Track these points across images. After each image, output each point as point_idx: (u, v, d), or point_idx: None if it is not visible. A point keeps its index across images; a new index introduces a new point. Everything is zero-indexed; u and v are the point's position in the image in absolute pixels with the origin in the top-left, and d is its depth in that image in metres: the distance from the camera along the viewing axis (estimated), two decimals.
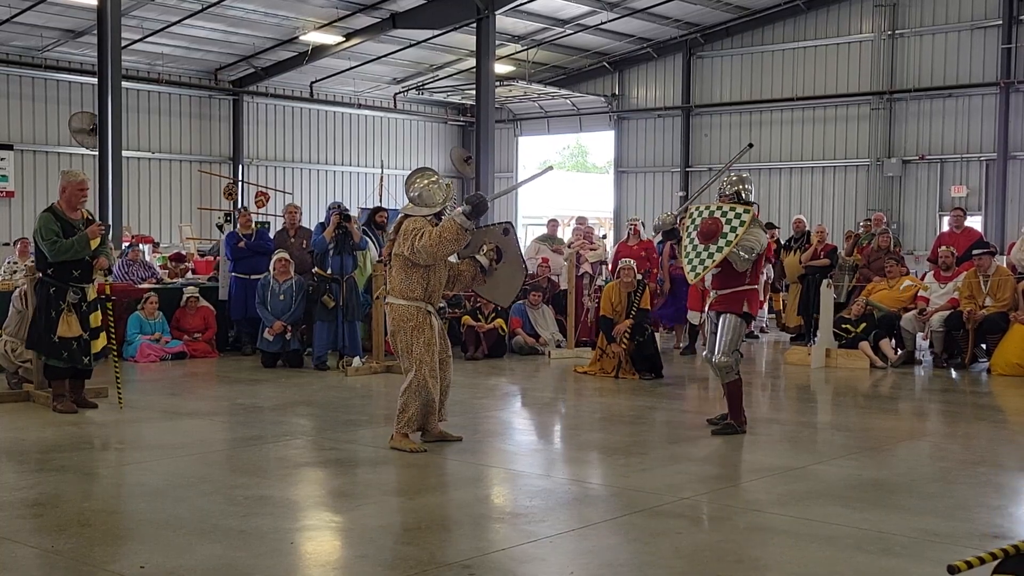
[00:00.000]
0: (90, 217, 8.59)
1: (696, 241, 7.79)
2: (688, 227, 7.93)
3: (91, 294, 8.53)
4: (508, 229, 7.45)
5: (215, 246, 17.99)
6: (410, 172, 7.36)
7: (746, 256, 7.70)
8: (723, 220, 7.72)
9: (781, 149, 25.12)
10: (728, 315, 7.85)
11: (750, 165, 25.03)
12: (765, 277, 15.70)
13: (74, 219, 8.36)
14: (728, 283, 7.85)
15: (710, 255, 7.68)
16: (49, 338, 8.38)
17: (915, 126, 23.29)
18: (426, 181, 7.20)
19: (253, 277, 12.41)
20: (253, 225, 13.16)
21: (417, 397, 7.08)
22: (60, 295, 8.35)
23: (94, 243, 8.36)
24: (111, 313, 8.70)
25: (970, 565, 3.37)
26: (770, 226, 16.61)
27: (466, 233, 6.93)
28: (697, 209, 8.01)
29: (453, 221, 6.88)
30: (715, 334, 7.97)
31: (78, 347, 8.45)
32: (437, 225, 7.00)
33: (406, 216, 7.15)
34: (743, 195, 8.00)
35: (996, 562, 3.51)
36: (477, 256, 7.16)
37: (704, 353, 8.31)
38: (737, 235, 7.63)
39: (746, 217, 7.71)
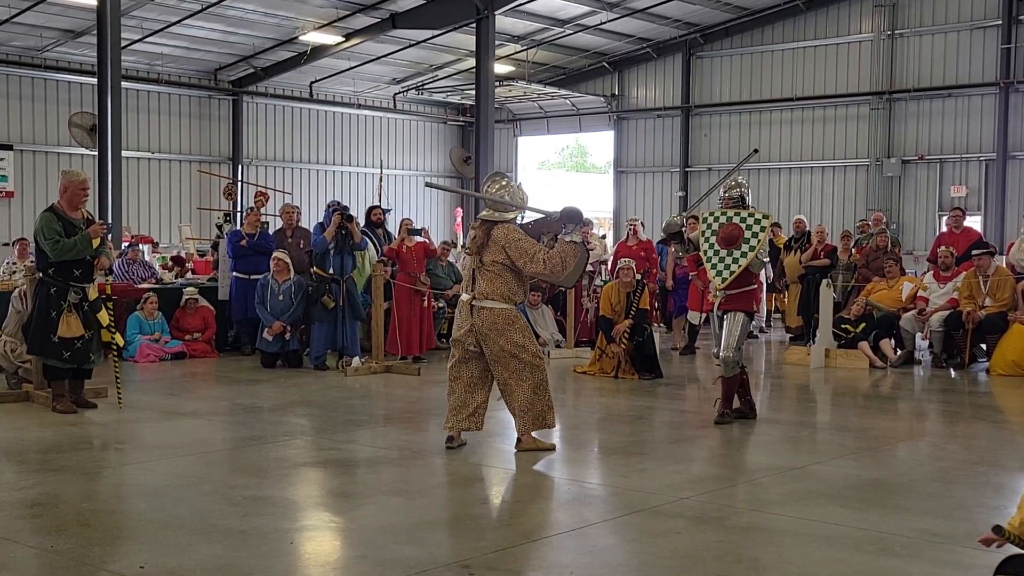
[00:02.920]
0: (90, 217, 8.59)
1: (717, 247, 8.14)
2: (705, 233, 8.23)
3: (92, 294, 8.53)
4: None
5: (212, 244, 17.97)
6: (485, 178, 7.42)
7: (763, 260, 8.24)
8: (743, 226, 8.09)
9: (781, 149, 25.12)
10: (737, 313, 8.21)
11: (750, 166, 25.05)
12: (764, 276, 15.74)
13: (75, 219, 8.36)
14: (738, 283, 8.22)
15: (735, 260, 8.07)
16: (49, 338, 8.37)
17: (915, 126, 23.29)
18: (496, 187, 7.29)
19: (253, 277, 12.39)
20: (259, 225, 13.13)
21: (543, 393, 7.12)
22: (61, 295, 8.34)
23: (95, 243, 8.36)
24: (112, 313, 8.71)
25: (1009, 536, 3.37)
26: (776, 226, 16.64)
27: (579, 247, 7.07)
28: (712, 215, 8.32)
29: (569, 244, 7.01)
30: (717, 331, 8.31)
31: (81, 347, 8.44)
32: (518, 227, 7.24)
33: (492, 223, 7.14)
34: (746, 199, 8.36)
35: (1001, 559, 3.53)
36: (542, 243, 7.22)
37: (714, 350, 8.52)
38: (760, 240, 8.06)
39: (765, 223, 8.17)
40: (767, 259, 8.27)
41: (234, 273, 12.72)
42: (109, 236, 8.81)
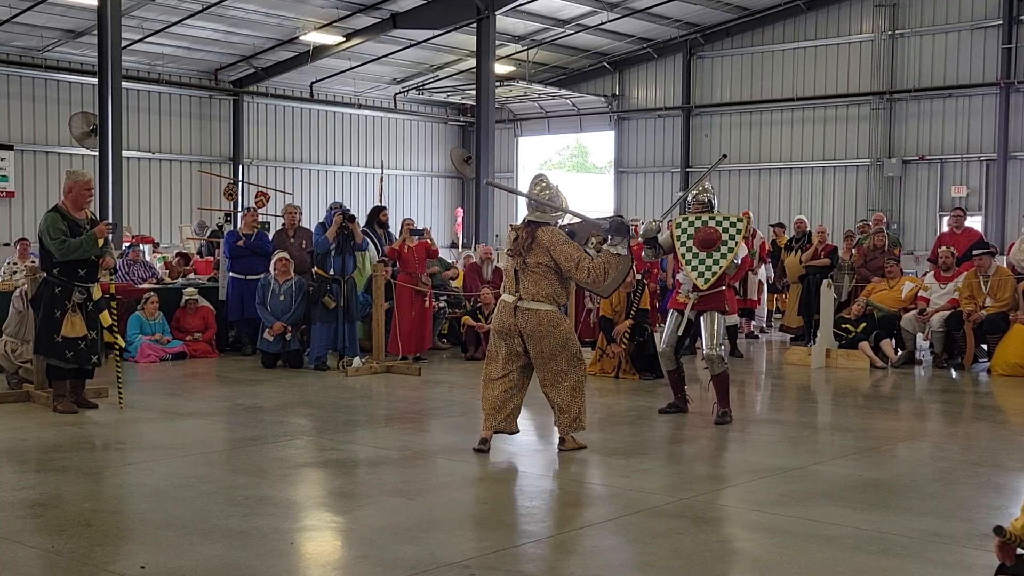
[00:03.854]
0: (94, 217, 8.61)
1: (695, 250, 8.36)
2: (680, 237, 8.46)
3: (96, 293, 8.54)
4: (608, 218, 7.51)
5: (203, 246, 18.00)
6: (531, 180, 7.33)
7: (736, 262, 8.52)
8: (720, 229, 8.34)
9: (781, 149, 25.13)
10: (714, 312, 8.46)
11: (751, 166, 25.09)
12: (764, 277, 15.74)
13: (79, 219, 8.38)
14: (716, 284, 8.46)
15: (715, 261, 8.30)
16: (52, 338, 8.37)
17: (915, 126, 23.30)
18: (537, 189, 7.25)
19: (250, 278, 12.40)
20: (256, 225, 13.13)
21: (579, 395, 7.18)
22: (65, 295, 8.34)
23: (100, 242, 8.39)
24: (115, 313, 8.72)
25: (1010, 537, 3.35)
26: (779, 226, 16.65)
27: (623, 259, 7.02)
28: (686, 219, 8.56)
29: (614, 256, 6.96)
30: (678, 329, 8.64)
31: (85, 347, 8.44)
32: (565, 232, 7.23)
33: (536, 225, 7.09)
34: (714, 204, 8.73)
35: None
36: (586, 248, 7.23)
37: (662, 347, 8.81)
38: (737, 242, 8.32)
39: (741, 225, 8.45)
40: (739, 261, 8.62)
41: (231, 273, 12.72)
42: (111, 236, 8.81)
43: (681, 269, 8.57)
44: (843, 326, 12.40)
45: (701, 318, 8.47)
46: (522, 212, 30.97)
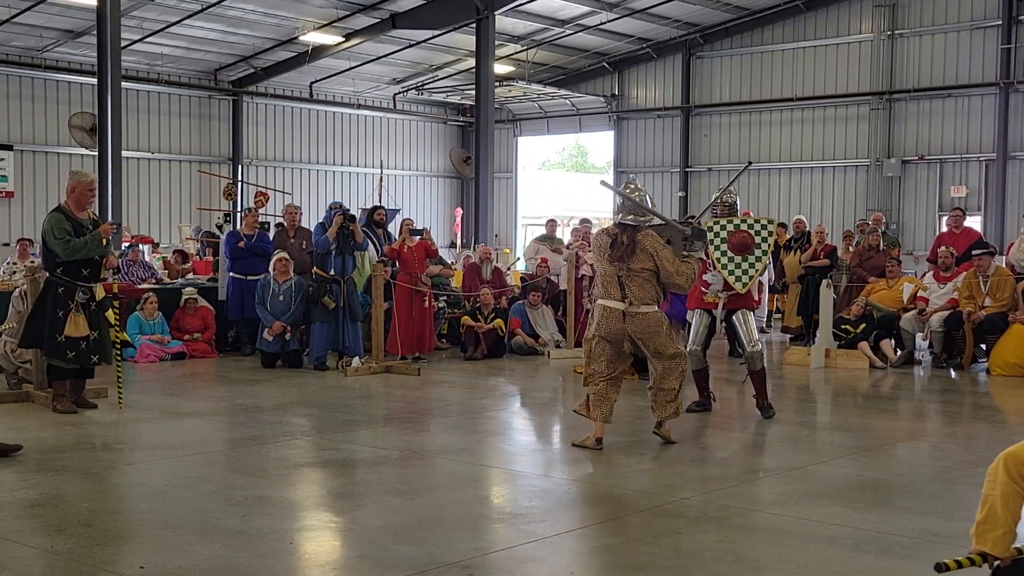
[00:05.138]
0: (96, 217, 8.62)
1: (730, 253, 8.57)
2: (714, 241, 8.61)
3: (99, 293, 8.55)
4: (688, 223, 7.82)
5: (203, 245, 18.01)
6: (623, 182, 7.53)
7: (771, 264, 8.41)
8: (752, 232, 8.60)
9: (781, 149, 25.13)
10: (744, 311, 8.67)
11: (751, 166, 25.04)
12: (765, 277, 15.75)
13: (82, 219, 8.39)
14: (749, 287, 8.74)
15: (751, 265, 8.53)
16: (54, 338, 8.37)
17: (915, 126, 23.30)
18: (628, 191, 7.50)
19: (250, 278, 12.41)
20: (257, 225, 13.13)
21: (683, 388, 7.46)
22: (68, 294, 8.35)
23: (104, 242, 8.41)
24: (117, 312, 8.74)
25: (960, 565, 3.41)
26: (781, 226, 16.67)
27: (700, 262, 7.63)
28: (718, 223, 8.72)
29: (698, 261, 7.53)
30: (701, 328, 8.77)
31: (86, 347, 8.44)
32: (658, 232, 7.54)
33: (635, 229, 7.25)
34: (737, 208, 8.97)
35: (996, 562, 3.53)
36: None
37: (690, 347, 8.74)
38: (770, 244, 8.66)
39: (772, 228, 8.75)
40: (771, 263, 8.83)
41: (231, 274, 12.73)
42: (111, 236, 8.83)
43: (709, 270, 8.66)
44: (843, 326, 12.40)
45: (733, 317, 8.68)
46: (522, 213, 31.09)
